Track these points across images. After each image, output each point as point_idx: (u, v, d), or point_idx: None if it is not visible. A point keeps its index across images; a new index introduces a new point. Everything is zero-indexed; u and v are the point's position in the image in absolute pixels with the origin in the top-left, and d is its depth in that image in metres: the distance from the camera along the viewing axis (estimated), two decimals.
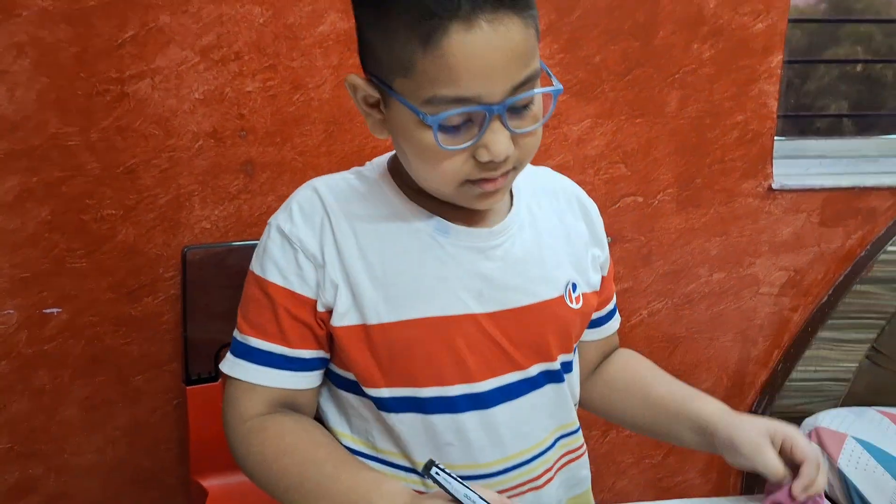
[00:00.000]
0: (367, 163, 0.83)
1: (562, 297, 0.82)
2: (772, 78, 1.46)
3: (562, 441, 0.86)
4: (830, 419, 1.50)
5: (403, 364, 0.75)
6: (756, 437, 0.78)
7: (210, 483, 1.34)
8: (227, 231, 1.39)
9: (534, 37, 0.67)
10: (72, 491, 1.46)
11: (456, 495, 0.63)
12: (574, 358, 0.88)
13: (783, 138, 1.63)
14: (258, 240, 1.41)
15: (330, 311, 0.76)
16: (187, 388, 1.33)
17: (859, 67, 1.75)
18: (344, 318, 0.75)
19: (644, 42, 1.41)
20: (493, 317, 0.77)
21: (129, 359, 1.42)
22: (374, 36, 0.68)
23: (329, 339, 0.78)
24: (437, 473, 0.63)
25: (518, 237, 0.80)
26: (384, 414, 0.77)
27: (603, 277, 0.92)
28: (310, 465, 0.72)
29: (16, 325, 1.38)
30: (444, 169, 0.69)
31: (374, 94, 0.71)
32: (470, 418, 0.77)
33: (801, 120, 1.71)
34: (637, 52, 1.42)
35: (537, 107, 0.70)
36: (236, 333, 0.79)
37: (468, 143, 0.67)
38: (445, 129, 0.67)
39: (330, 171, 1.39)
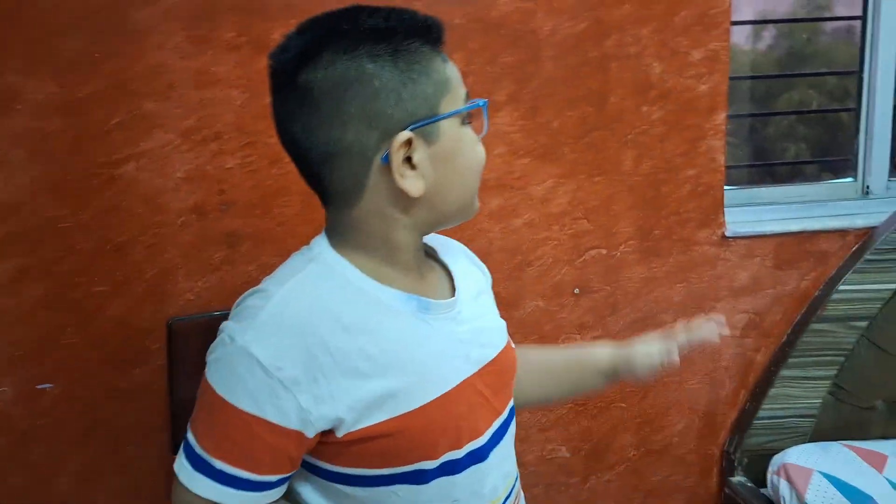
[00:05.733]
0: (309, 252, 0.81)
1: (509, 341, 0.92)
2: (718, 134, 1.57)
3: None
4: (797, 455, 1.56)
5: (422, 446, 0.77)
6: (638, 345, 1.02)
7: None
8: (210, 300, 1.46)
9: None
10: None
11: None
12: None
13: (736, 187, 1.73)
14: None
15: (327, 430, 0.74)
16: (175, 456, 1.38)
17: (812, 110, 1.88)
18: (354, 425, 0.73)
19: (598, 107, 1.52)
20: (480, 374, 0.84)
21: (120, 429, 1.47)
22: (413, 86, 0.73)
23: (323, 445, 0.76)
24: None
25: (468, 300, 0.88)
26: (390, 489, 0.77)
27: None
28: None
29: (11, 402, 1.43)
30: (482, 157, 0.81)
31: (409, 146, 0.74)
32: (472, 473, 0.82)
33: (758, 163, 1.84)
34: (592, 116, 1.52)
35: None
36: (195, 445, 0.74)
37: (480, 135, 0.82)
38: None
39: (309, 238, 1.48)
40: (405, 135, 0.73)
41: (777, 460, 1.58)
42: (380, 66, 0.72)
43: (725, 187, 1.62)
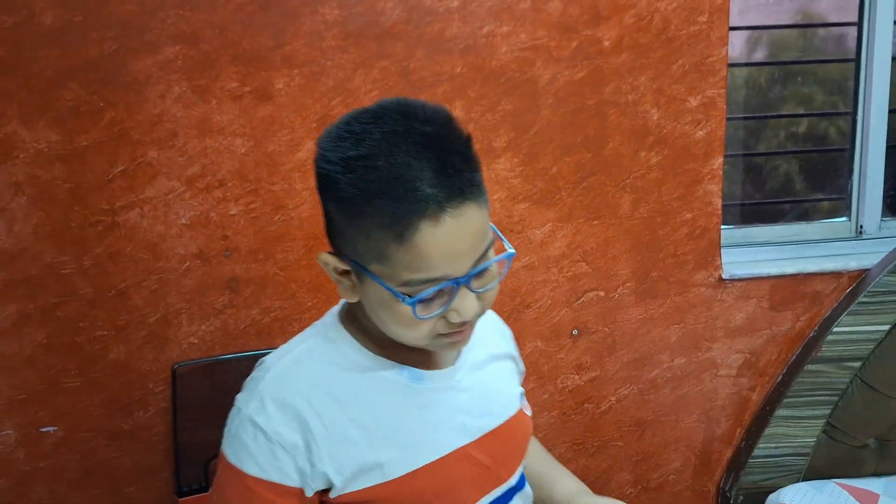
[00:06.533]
0: (318, 324, 0.85)
1: (521, 410, 0.93)
2: (714, 178, 1.58)
3: None
4: (792, 495, 1.58)
5: None
6: None
7: None
8: (213, 345, 1.47)
9: (487, 214, 0.76)
10: None
11: None
12: None
13: (732, 226, 1.75)
14: (243, 352, 1.51)
15: (326, 489, 0.79)
16: (179, 499, 1.39)
17: (803, 128, 1.88)
18: (344, 489, 0.78)
19: (595, 153, 1.54)
20: (478, 443, 0.86)
21: (121, 471, 1.49)
22: (346, 226, 0.74)
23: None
24: None
25: (475, 367, 0.89)
26: None
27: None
28: None
29: (14, 444, 1.44)
30: (420, 330, 0.76)
31: (345, 267, 0.77)
32: None
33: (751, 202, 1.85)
34: (590, 162, 1.54)
35: (495, 266, 0.79)
36: None
37: (441, 310, 0.75)
38: (421, 301, 0.74)
39: (311, 282, 1.50)
40: (322, 256, 0.79)
41: (772, 500, 1.60)
42: (370, 223, 0.72)
43: (721, 226, 1.64)
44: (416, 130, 0.72)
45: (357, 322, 0.83)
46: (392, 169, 0.70)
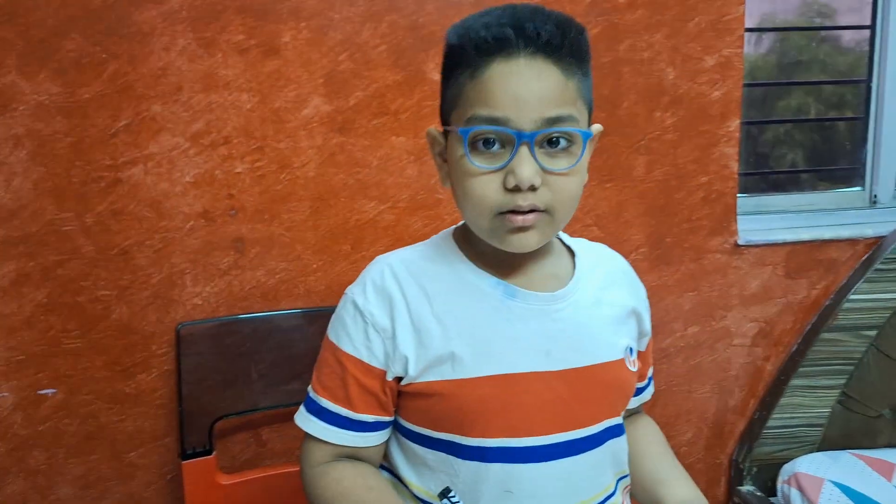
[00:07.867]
0: (435, 236, 0.93)
1: (622, 360, 0.89)
2: (731, 141, 1.55)
3: (622, 481, 0.92)
4: (808, 464, 1.55)
5: (473, 417, 0.82)
6: None
7: None
8: (218, 306, 1.44)
9: (574, 88, 0.77)
10: None
11: None
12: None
13: (746, 195, 1.72)
14: (249, 313, 1.47)
15: (399, 378, 0.85)
16: (183, 462, 1.35)
17: (813, 113, 1.86)
18: (416, 379, 0.83)
19: (609, 113, 1.50)
20: (561, 375, 0.84)
21: (123, 435, 1.45)
22: (444, 82, 0.81)
23: (397, 396, 0.87)
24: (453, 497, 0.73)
25: (580, 303, 0.87)
26: (450, 458, 0.83)
27: (646, 348, 1.00)
28: None
29: (11, 407, 1.40)
30: (479, 194, 0.78)
31: (443, 143, 0.83)
32: (532, 469, 0.82)
33: (762, 169, 1.81)
34: (603, 122, 1.48)
35: (573, 154, 0.79)
36: (310, 390, 0.89)
37: (498, 166, 0.76)
38: (478, 148, 0.77)
39: (317, 244, 1.47)
40: (430, 129, 0.85)
41: (787, 469, 1.57)
42: (458, 69, 0.79)
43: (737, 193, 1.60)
44: (533, 6, 0.78)
45: (466, 237, 0.88)
46: (492, 19, 0.77)
